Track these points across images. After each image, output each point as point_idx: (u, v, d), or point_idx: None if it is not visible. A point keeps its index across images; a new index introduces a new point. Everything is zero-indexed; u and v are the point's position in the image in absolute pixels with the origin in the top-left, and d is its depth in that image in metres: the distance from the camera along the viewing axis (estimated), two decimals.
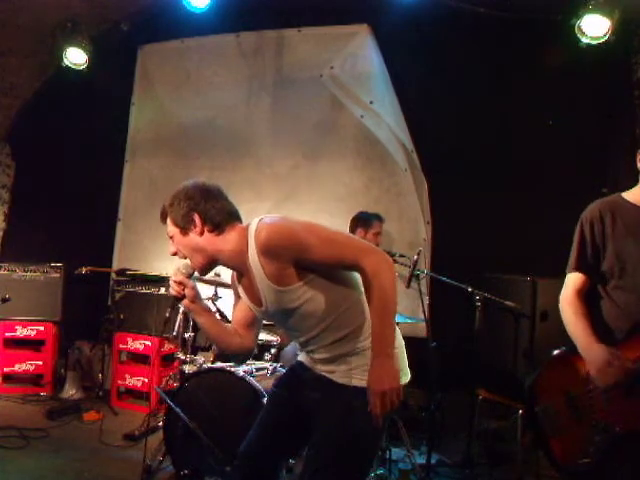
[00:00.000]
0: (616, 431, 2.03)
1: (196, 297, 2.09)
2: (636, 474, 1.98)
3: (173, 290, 2.08)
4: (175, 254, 2.11)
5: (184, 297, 2.08)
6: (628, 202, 2.18)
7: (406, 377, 2.09)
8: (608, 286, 2.18)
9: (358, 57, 4.97)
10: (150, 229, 5.53)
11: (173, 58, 5.57)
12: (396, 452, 3.74)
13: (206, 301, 4.00)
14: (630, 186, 2.27)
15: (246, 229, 2.00)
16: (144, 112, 5.73)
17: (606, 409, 2.05)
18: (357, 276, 1.98)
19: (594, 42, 4.02)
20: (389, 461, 3.61)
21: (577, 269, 2.26)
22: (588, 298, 2.23)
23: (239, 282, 2.14)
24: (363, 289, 1.96)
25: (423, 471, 3.61)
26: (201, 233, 2.01)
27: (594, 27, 3.99)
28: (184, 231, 2.04)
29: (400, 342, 2.10)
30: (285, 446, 2.24)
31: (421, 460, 3.73)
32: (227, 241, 2.01)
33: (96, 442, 3.95)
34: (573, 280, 2.27)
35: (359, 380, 1.94)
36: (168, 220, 2.08)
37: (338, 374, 2.02)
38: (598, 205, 2.24)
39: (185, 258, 2.09)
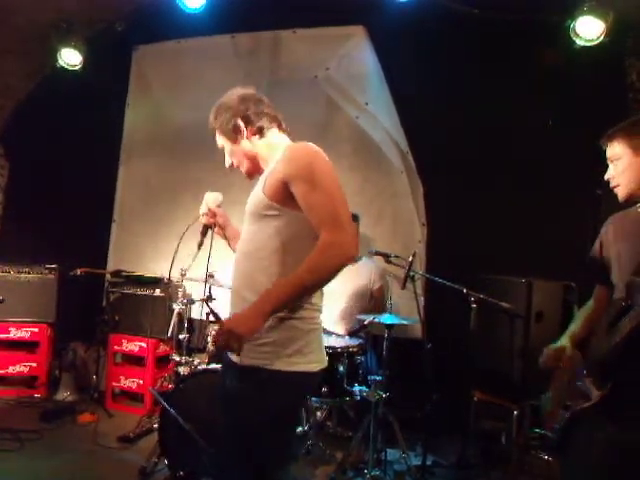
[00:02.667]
0: (571, 408, 2.15)
1: (228, 222, 2.35)
2: (586, 449, 2.06)
3: (205, 220, 2.32)
4: (232, 166, 2.23)
5: (215, 225, 2.31)
6: (635, 210, 2.18)
7: (315, 364, 2.00)
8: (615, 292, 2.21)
9: (353, 58, 4.98)
10: (145, 230, 5.52)
11: (168, 59, 5.56)
12: (391, 453, 3.73)
13: (199, 302, 4.04)
14: None
15: (285, 139, 2.17)
16: (139, 113, 5.71)
17: (569, 389, 2.20)
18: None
19: (589, 44, 4.05)
20: (384, 462, 3.61)
21: (594, 282, 2.36)
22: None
23: None
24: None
25: (418, 472, 3.61)
26: (248, 137, 2.13)
27: (588, 29, 4.01)
28: (233, 139, 2.15)
29: (312, 325, 2.02)
30: None
31: (416, 461, 3.74)
32: (270, 145, 2.13)
33: (91, 444, 3.94)
34: (594, 292, 2.37)
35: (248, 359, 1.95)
36: (217, 134, 2.22)
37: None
38: (610, 218, 2.29)
39: (237, 167, 2.22)
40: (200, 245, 2.37)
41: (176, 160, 5.46)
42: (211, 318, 3.88)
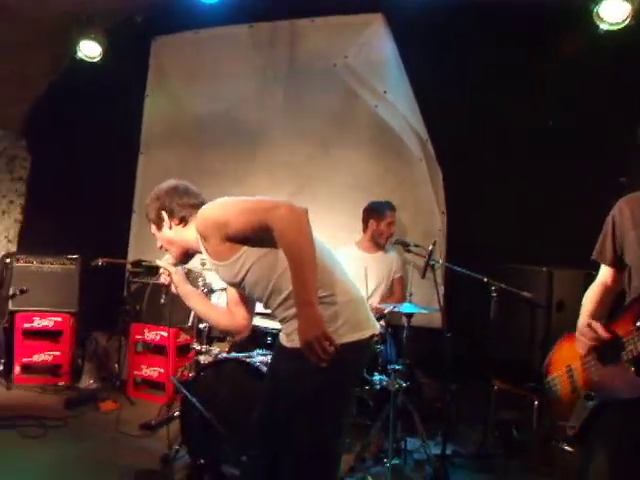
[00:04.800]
0: (596, 399, 2.12)
1: (182, 282, 2.40)
2: (612, 442, 2.04)
3: (163, 278, 2.41)
4: (161, 247, 2.43)
5: (171, 283, 2.39)
6: None
7: (363, 331, 2.11)
8: (630, 276, 2.17)
9: (372, 46, 4.93)
10: None
11: (187, 49, 5.56)
12: (411, 442, 3.74)
13: (219, 291, 4.06)
14: None
15: None
16: (158, 104, 5.73)
17: (589, 378, 2.16)
18: None
19: (613, 28, 3.95)
20: (404, 451, 3.62)
21: (602, 262, 2.31)
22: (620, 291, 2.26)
23: None
24: None
25: (438, 461, 3.60)
26: (170, 227, 2.33)
27: (613, 12, 3.91)
28: (158, 227, 2.40)
29: (348, 297, 2.12)
30: None
31: (436, 451, 3.72)
32: (192, 232, 2.27)
33: (113, 431, 3.98)
34: (600, 272, 2.33)
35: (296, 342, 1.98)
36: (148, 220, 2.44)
37: (284, 337, 2.17)
38: (623, 200, 2.24)
39: (166, 250, 2.42)
40: (164, 299, 2.64)
41: (195, 150, 5.48)
42: None
